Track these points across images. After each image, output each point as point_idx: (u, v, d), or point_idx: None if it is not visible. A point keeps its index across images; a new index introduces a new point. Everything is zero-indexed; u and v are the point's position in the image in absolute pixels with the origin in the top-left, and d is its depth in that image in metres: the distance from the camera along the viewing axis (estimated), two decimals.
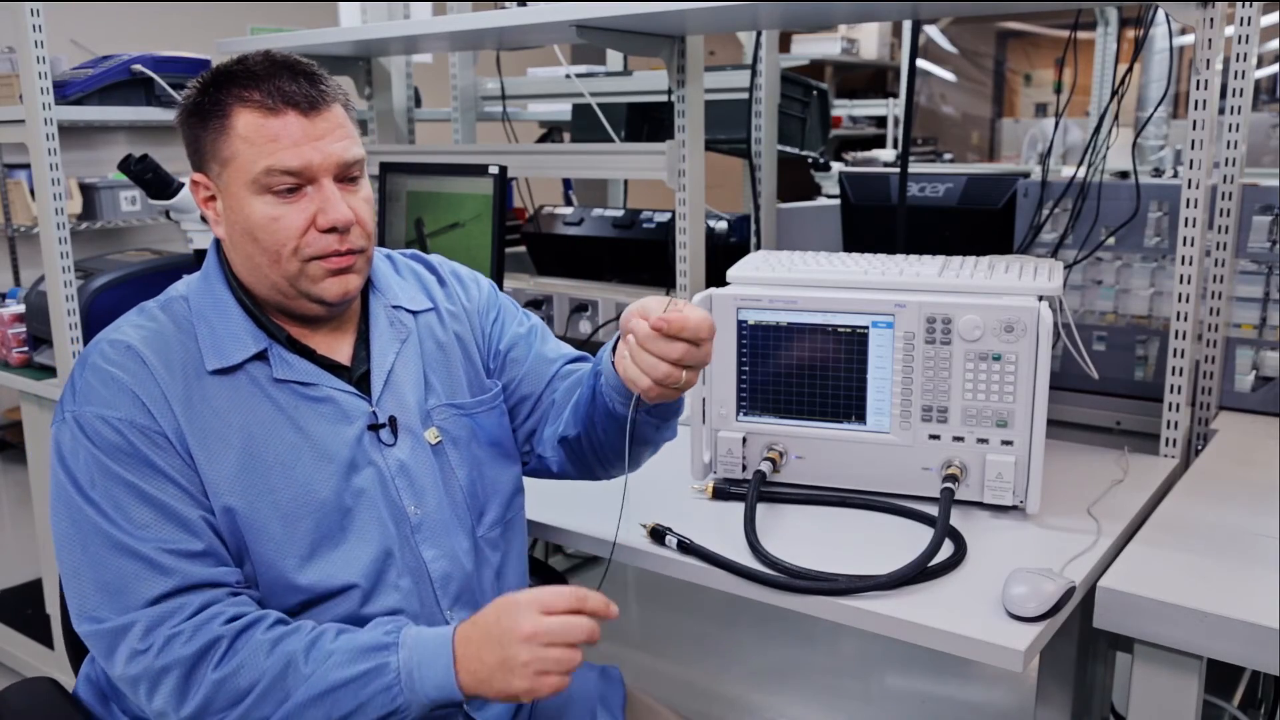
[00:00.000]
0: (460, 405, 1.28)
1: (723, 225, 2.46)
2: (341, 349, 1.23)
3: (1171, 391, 1.65)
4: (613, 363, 1.17)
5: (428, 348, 1.29)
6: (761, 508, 1.43)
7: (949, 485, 1.40)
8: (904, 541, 1.32)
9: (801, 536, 1.39)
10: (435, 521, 1.21)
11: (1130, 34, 3.71)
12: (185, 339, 1.15)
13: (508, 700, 1.06)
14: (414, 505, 1.20)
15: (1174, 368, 1.64)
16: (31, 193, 3.84)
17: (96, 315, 2.26)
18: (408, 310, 1.29)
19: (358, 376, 1.22)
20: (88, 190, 3.78)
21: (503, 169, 2.10)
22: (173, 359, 1.13)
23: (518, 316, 1.40)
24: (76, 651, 1.37)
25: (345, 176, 1.15)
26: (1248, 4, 1.72)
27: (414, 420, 1.23)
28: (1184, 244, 1.60)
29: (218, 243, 1.20)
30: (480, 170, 2.08)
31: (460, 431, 1.27)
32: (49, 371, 2.33)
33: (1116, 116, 1.90)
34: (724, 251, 2.31)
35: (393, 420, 1.21)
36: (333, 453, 1.16)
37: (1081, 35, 2.05)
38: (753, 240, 2.41)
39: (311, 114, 1.12)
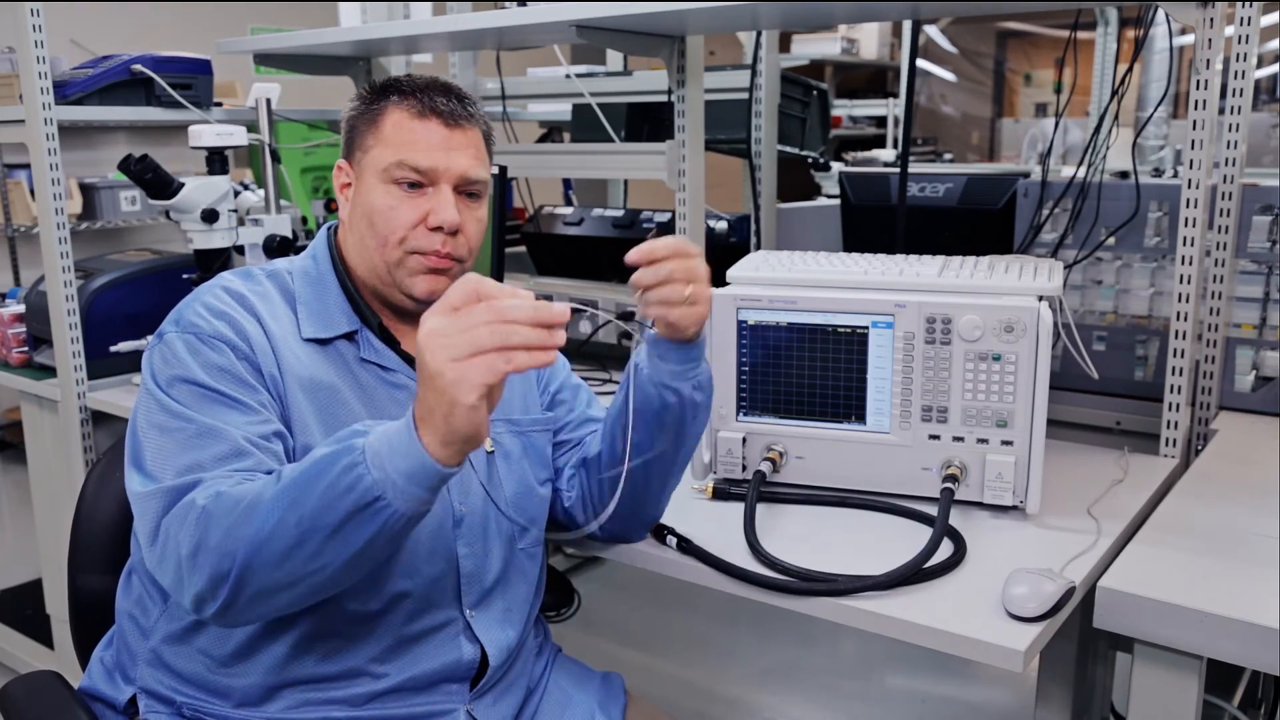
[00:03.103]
0: (515, 421, 1.34)
1: (723, 225, 2.46)
2: None
3: (1171, 391, 1.65)
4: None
5: None
6: (761, 508, 1.43)
7: (949, 485, 1.40)
8: (904, 542, 1.32)
9: (801, 536, 1.39)
10: (475, 522, 1.26)
11: (1130, 34, 3.71)
12: (286, 307, 1.24)
13: (466, 419, 0.90)
14: (460, 502, 1.25)
15: (1174, 368, 1.64)
16: (31, 193, 3.84)
17: (96, 315, 2.26)
18: None
19: None
20: (88, 190, 3.78)
21: (503, 169, 2.10)
22: (278, 316, 1.22)
23: (567, 368, 1.48)
24: (84, 650, 1.38)
25: (466, 191, 1.24)
26: (1248, 4, 1.71)
27: None
28: (1184, 244, 1.60)
29: (329, 229, 1.31)
30: None
31: (512, 446, 1.33)
32: (49, 371, 2.33)
33: (1116, 116, 1.90)
34: (724, 251, 2.31)
35: None
36: None
37: (1081, 35, 2.05)
38: (753, 240, 2.41)
39: (452, 127, 1.22)
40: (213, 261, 2.15)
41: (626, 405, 1.26)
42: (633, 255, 1.15)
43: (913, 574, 1.22)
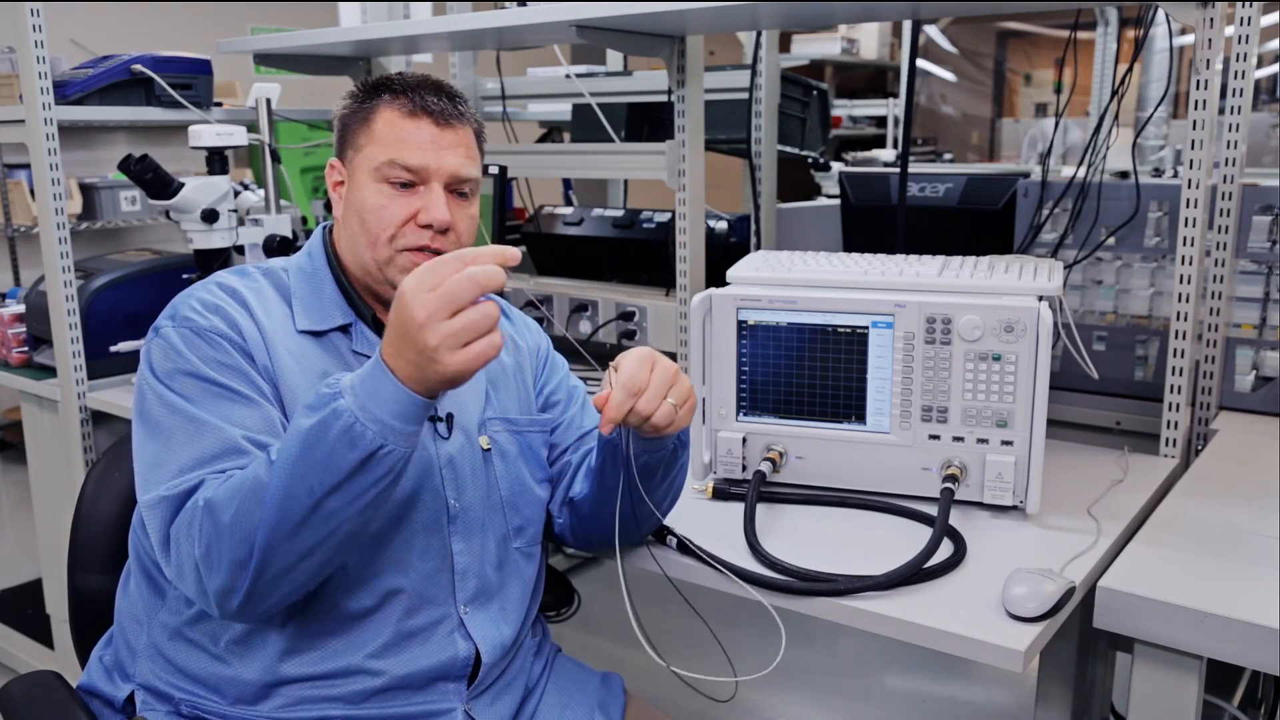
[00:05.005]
0: (513, 420, 1.35)
1: (723, 225, 2.46)
2: None
3: (1171, 391, 1.65)
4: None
5: (491, 365, 1.32)
6: (761, 508, 1.43)
7: (949, 485, 1.40)
8: (904, 542, 1.32)
9: (801, 536, 1.39)
10: (470, 518, 1.26)
11: (1130, 34, 3.71)
12: (281, 302, 1.25)
13: (456, 382, 1.01)
14: (454, 498, 1.25)
15: (1174, 368, 1.64)
16: (31, 193, 3.84)
17: (96, 315, 2.26)
18: None
19: None
20: (88, 190, 3.78)
21: (503, 169, 2.10)
22: (271, 311, 1.23)
23: (564, 371, 1.47)
24: (83, 650, 1.38)
25: (457, 190, 1.25)
26: (1248, 4, 1.71)
27: (470, 422, 1.30)
28: (1184, 244, 1.60)
29: (324, 228, 1.33)
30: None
31: (509, 446, 1.33)
32: (49, 371, 2.33)
33: (1116, 116, 1.90)
34: (724, 251, 2.31)
35: (450, 416, 1.28)
36: None
37: (1081, 35, 2.05)
38: (753, 240, 2.41)
39: (443, 126, 1.23)
40: (213, 261, 2.15)
41: (615, 462, 1.24)
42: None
43: (913, 574, 1.22)
